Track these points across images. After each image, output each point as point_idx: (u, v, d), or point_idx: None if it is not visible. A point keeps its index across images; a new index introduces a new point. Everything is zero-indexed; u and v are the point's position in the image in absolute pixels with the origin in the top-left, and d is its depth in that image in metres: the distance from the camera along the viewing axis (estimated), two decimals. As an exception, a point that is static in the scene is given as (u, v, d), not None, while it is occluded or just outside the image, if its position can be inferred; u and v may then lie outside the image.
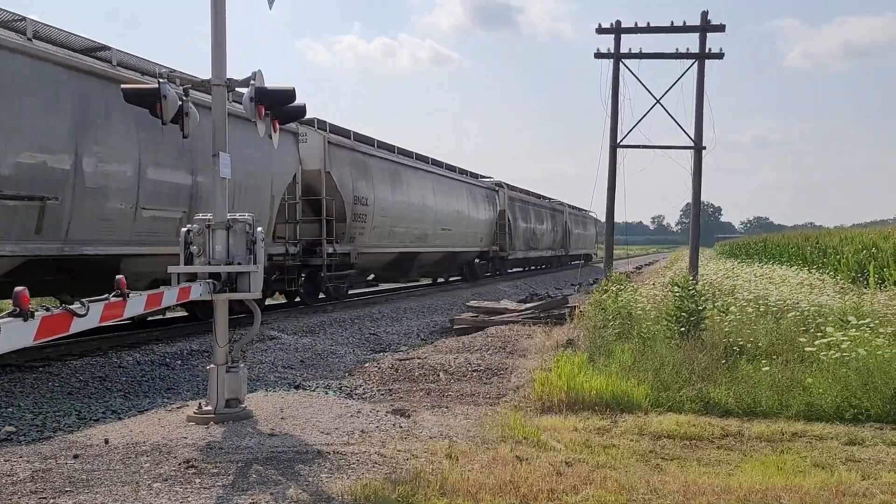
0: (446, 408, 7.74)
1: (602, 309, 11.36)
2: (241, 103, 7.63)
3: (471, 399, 8.29)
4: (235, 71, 7.23)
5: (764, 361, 8.25)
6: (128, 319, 4.77)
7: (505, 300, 18.26)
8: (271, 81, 7.15)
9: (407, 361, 10.34)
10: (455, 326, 14.47)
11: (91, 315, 4.41)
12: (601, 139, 18.74)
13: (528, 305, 15.53)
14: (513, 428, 6.54)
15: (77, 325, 4.29)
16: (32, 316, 3.83)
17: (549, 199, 44.83)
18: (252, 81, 7.15)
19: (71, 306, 4.28)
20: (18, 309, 3.75)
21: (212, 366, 6.90)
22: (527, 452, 5.85)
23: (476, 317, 14.84)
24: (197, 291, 6.48)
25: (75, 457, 5.57)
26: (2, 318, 3.62)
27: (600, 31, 18.35)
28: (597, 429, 6.88)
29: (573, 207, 51.31)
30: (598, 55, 18.35)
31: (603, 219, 29.46)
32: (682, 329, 9.53)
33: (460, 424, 6.95)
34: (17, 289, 3.81)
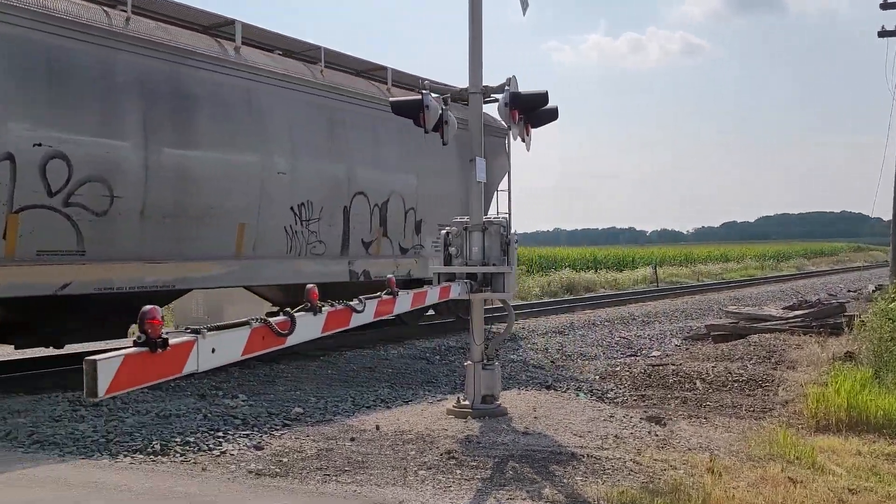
0: (704, 418, 7.34)
1: (890, 319, 10.02)
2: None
3: (732, 411, 7.77)
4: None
5: None
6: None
7: (769, 306, 16.87)
8: (518, 85, 7.28)
9: (660, 367, 9.96)
10: (712, 333, 13.64)
11: (367, 311, 4.83)
12: (886, 132, 16.59)
13: (797, 313, 14.18)
14: (783, 446, 6.01)
15: (356, 320, 4.71)
16: (320, 311, 4.27)
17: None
18: (507, 87, 7.34)
19: (350, 303, 4.71)
20: (310, 304, 4.20)
21: (469, 362, 7.20)
22: (801, 474, 5.35)
23: (736, 323, 13.88)
24: (456, 290, 6.81)
25: (352, 440, 6.12)
26: (297, 311, 4.08)
27: (885, 6, 16.29)
28: (885, 454, 6.10)
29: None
30: (883, 33, 16.32)
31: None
32: None
33: (721, 437, 6.54)
34: (309, 286, 4.27)
